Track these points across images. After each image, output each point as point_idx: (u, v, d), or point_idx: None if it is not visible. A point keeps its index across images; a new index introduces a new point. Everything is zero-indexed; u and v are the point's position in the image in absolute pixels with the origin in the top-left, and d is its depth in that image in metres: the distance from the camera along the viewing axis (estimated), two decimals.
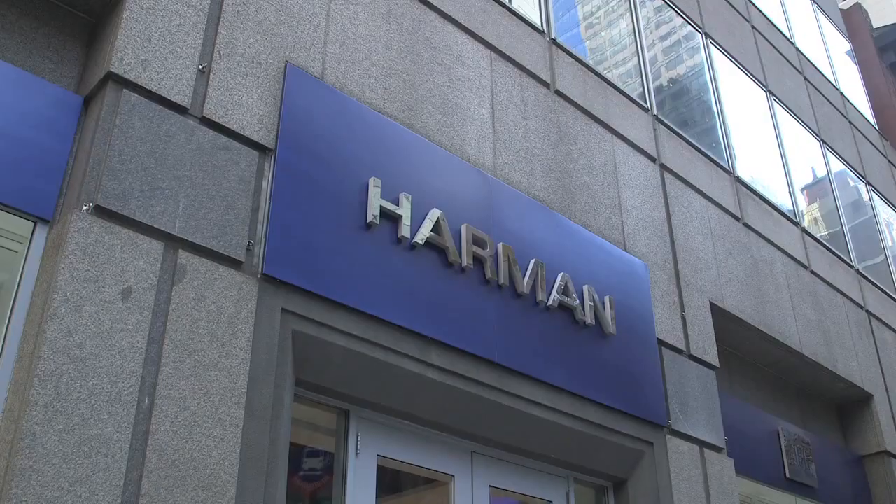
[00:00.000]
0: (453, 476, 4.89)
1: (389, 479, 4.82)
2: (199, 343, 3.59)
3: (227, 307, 3.73)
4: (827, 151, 11.16)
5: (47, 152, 3.66)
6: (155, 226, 3.61)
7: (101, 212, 3.48)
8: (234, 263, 3.86)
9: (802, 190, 10.38)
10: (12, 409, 3.14)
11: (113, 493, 3.15)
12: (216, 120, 4.03)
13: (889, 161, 13.42)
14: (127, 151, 3.63)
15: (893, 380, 9.60)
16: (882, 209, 12.04)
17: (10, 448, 3.02)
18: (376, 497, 4.43)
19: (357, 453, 4.40)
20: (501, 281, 5.04)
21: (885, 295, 10.61)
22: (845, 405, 9.19)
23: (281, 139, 4.26)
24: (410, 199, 4.70)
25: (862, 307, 9.76)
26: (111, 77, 3.73)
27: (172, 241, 3.67)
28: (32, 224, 3.57)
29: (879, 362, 9.48)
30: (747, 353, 7.83)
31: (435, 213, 4.79)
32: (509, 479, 5.22)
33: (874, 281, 10.48)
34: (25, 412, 3.03)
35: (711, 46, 9.45)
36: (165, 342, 3.49)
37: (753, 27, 10.78)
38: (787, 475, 7.54)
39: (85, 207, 3.45)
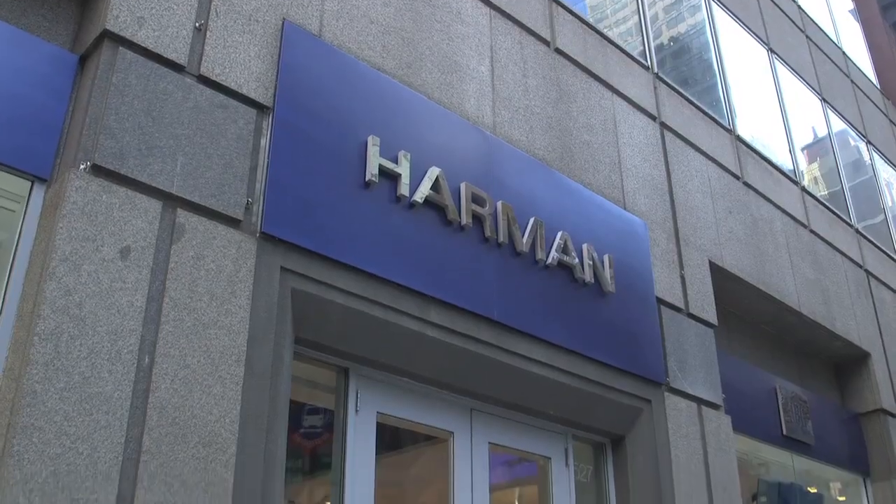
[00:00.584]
0: (453, 433, 4.93)
1: (389, 437, 4.86)
2: (198, 301, 3.59)
3: (226, 265, 3.73)
4: (828, 110, 11.11)
5: (43, 111, 3.63)
6: (153, 184, 3.60)
7: (98, 171, 3.46)
8: (232, 222, 3.85)
9: (803, 149, 10.35)
10: (13, 368, 3.15)
11: (114, 450, 3.18)
12: (213, 78, 4.00)
13: (890, 120, 13.37)
14: (124, 110, 3.61)
15: (891, 338, 9.64)
16: (882, 169, 12.01)
17: (11, 406, 3.04)
18: (376, 454, 4.46)
19: (357, 410, 4.43)
20: (501, 239, 5.04)
21: (884, 254, 10.62)
22: (842, 363, 9.24)
23: (279, 97, 4.23)
24: (409, 157, 4.68)
25: (861, 266, 9.77)
26: (107, 35, 3.70)
27: (170, 200, 3.66)
28: (30, 183, 3.56)
29: (877, 321, 9.51)
30: (746, 312, 7.84)
31: (434, 172, 4.78)
32: (508, 435, 5.27)
33: (873, 240, 10.48)
34: (26, 371, 3.04)
35: (713, 3, 9.37)
36: (165, 301, 3.50)
37: None
38: (784, 432, 7.59)
39: (82, 166, 3.44)
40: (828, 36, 12.46)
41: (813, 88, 10.98)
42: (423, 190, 4.68)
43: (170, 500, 3.27)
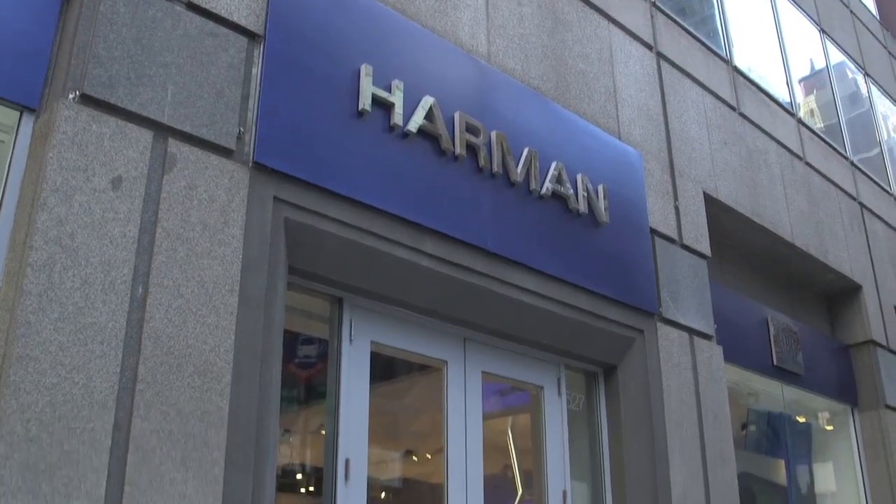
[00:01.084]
0: (446, 362, 4.97)
1: (383, 366, 4.89)
2: (191, 232, 3.58)
3: (218, 195, 3.71)
4: (826, 42, 10.98)
5: (30, 39, 3.56)
6: (143, 114, 3.56)
7: (87, 100, 3.42)
8: (224, 152, 3.82)
9: (800, 81, 10.26)
10: (6, 299, 3.16)
11: (110, 380, 3.20)
12: (203, 5, 3.92)
13: (889, 52, 13.23)
14: (112, 38, 3.55)
15: (882, 271, 9.69)
16: (880, 102, 11.93)
17: (6, 337, 3.05)
18: (370, 383, 4.50)
19: (351, 340, 4.46)
20: (495, 169, 5.02)
21: (878, 187, 10.61)
22: (834, 295, 9.30)
23: (270, 25, 4.16)
24: (403, 86, 4.63)
25: (855, 199, 9.77)
26: None
27: (161, 130, 3.62)
28: (18, 113, 3.51)
29: (870, 253, 9.55)
30: (739, 244, 7.85)
31: (428, 101, 4.73)
32: (502, 364, 5.31)
33: (868, 173, 10.46)
34: (20, 301, 3.04)
35: None
36: (157, 231, 3.48)
37: None
38: (775, 363, 7.67)
39: (71, 96, 3.39)
40: None
41: (812, 19, 10.84)
42: (417, 119, 4.64)
43: (166, 429, 3.31)
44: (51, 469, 2.98)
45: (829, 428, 9.04)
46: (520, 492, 8.53)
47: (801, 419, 8.83)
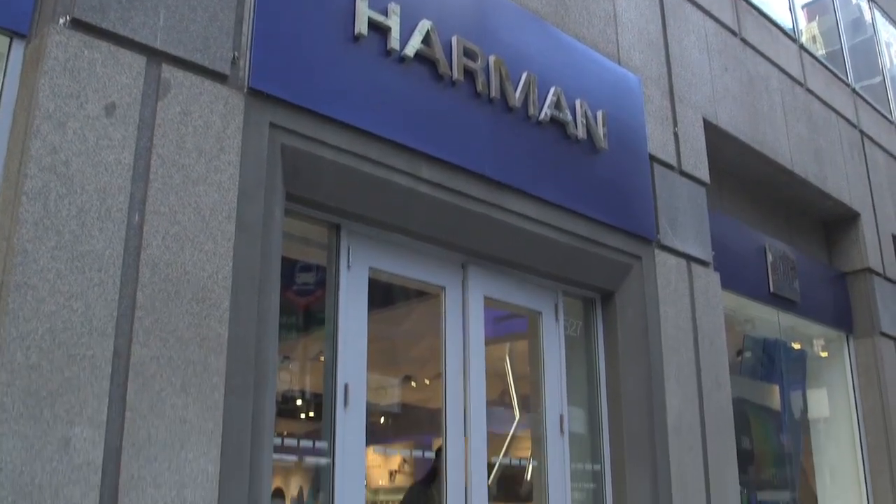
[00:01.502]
0: (444, 288, 4.98)
1: (382, 293, 4.91)
2: (186, 158, 3.55)
3: (213, 121, 3.67)
4: None
5: None
6: (136, 39, 3.49)
7: (78, 25, 3.35)
8: (219, 77, 3.77)
9: (803, 7, 10.09)
10: (2, 227, 3.14)
11: (109, 307, 3.21)
12: None
13: None
14: None
15: (881, 199, 9.67)
16: (883, 28, 11.75)
17: (3, 265, 3.05)
18: (368, 310, 4.52)
19: (349, 267, 4.46)
20: (493, 94, 4.96)
21: (879, 115, 10.52)
22: (832, 223, 9.29)
23: None
24: (399, 10, 4.54)
25: (855, 126, 9.70)
26: None
27: (155, 55, 3.56)
28: (8, 39, 3.44)
29: (869, 181, 9.51)
30: (738, 170, 7.82)
31: (425, 25, 4.65)
32: (499, 290, 5.32)
33: (870, 101, 10.36)
34: (16, 230, 3.03)
35: None
36: (153, 158, 3.45)
37: None
38: (772, 290, 7.71)
39: (62, 21, 3.33)
40: None
41: None
42: (414, 44, 4.57)
43: (165, 355, 3.32)
44: (52, 395, 3.01)
45: (824, 355, 9.12)
46: (517, 416, 8.66)
47: (797, 346, 8.91)
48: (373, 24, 4.40)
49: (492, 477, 8.46)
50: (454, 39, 4.80)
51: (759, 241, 7.77)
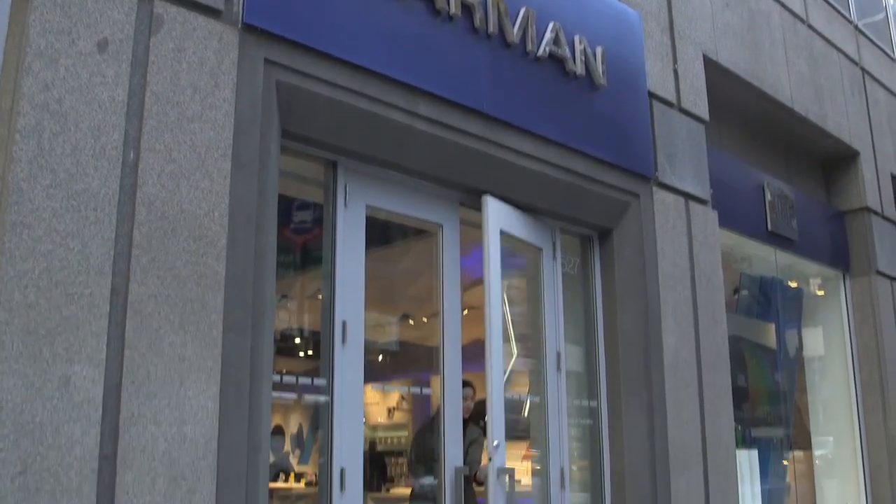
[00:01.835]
0: (441, 225, 4.97)
1: (379, 231, 4.90)
2: (181, 95, 3.51)
3: (208, 58, 3.62)
4: None
5: None
6: None
7: None
8: (212, 13, 3.70)
9: None
10: None
11: (105, 246, 3.19)
12: None
13: None
14: None
15: (881, 137, 9.61)
16: None
17: None
18: (366, 248, 4.51)
19: (346, 204, 4.44)
20: (491, 30, 4.89)
21: (881, 52, 10.40)
22: (831, 162, 9.25)
23: None
24: None
25: (857, 64, 9.59)
26: None
27: None
28: None
29: (869, 120, 9.45)
30: (738, 108, 7.76)
31: None
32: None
33: (872, 38, 10.24)
34: (10, 168, 3.00)
35: None
36: (147, 94, 3.41)
37: None
38: (769, 228, 7.70)
39: None
40: None
41: None
42: None
43: (163, 293, 3.33)
44: (51, 334, 3.01)
45: (820, 293, 9.16)
46: (514, 354, 8.75)
47: (793, 284, 8.94)
48: None
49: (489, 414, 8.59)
50: None
51: (757, 179, 7.75)
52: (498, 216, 5.03)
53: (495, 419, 4.71)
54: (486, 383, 4.72)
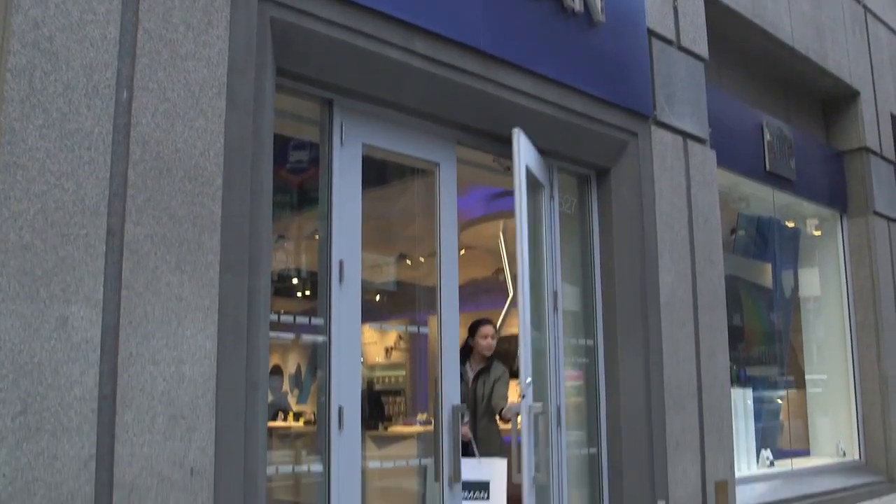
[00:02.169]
0: (439, 164, 4.94)
1: (376, 170, 4.87)
2: (174, 33, 3.46)
3: None
4: None
5: None
6: None
7: None
8: None
9: None
10: None
11: (100, 186, 3.17)
12: None
13: None
14: None
15: (882, 77, 9.53)
16: None
17: None
18: (362, 188, 4.49)
19: (342, 143, 4.41)
20: None
21: None
22: (831, 102, 9.19)
23: None
24: None
25: (858, 2, 9.47)
26: None
27: None
28: None
29: (870, 59, 9.36)
30: (738, 47, 7.67)
31: None
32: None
33: None
34: (2, 108, 2.97)
35: None
36: (139, 33, 3.36)
37: None
38: (767, 168, 7.68)
39: None
40: None
41: None
42: None
43: (159, 233, 3.32)
44: (47, 275, 3.01)
45: (817, 234, 9.18)
46: (511, 293, 8.79)
47: (790, 224, 8.95)
48: None
49: None
50: None
51: (756, 118, 7.70)
52: (526, 152, 4.98)
53: (525, 357, 4.70)
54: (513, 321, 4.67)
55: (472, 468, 4.54)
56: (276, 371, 10.00)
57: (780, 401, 8.51)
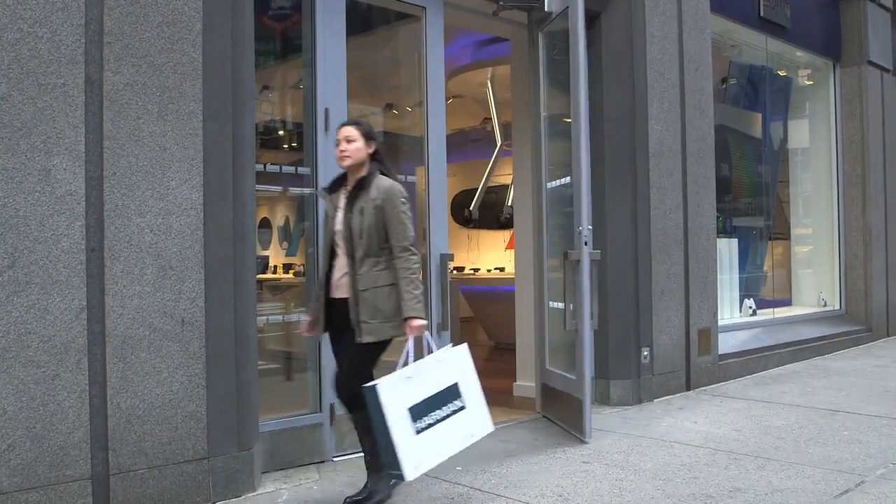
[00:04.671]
0: (425, 8, 4.78)
1: (361, 18, 4.72)
2: None
3: None
4: None
5: None
6: None
7: None
8: None
9: None
10: None
11: (76, 33, 3.08)
12: None
13: None
14: None
15: None
16: None
17: None
18: (347, 35, 4.36)
19: None
20: None
21: None
22: None
23: None
24: None
25: None
26: None
27: None
28: None
29: None
30: None
31: None
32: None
33: None
34: None
35: None
36: None
37: None
38: (761, 14, 7.51)
39: None
40: None
41: None
42: None
43: (139, 81, 3.24)
44: (27, 127, 2.96)
45: (809, 83, 9.07)
46: (499, 143, 8.73)
47: (782, 73, 8.82)
48: None
49: (474, 203, 8.69)
50: None
51: None
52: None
53: (585, 203, 4.66)
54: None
55: (432, 373, 3.16)
56: (265, 224, 10.02)
57: (764, 252, 8.61)
